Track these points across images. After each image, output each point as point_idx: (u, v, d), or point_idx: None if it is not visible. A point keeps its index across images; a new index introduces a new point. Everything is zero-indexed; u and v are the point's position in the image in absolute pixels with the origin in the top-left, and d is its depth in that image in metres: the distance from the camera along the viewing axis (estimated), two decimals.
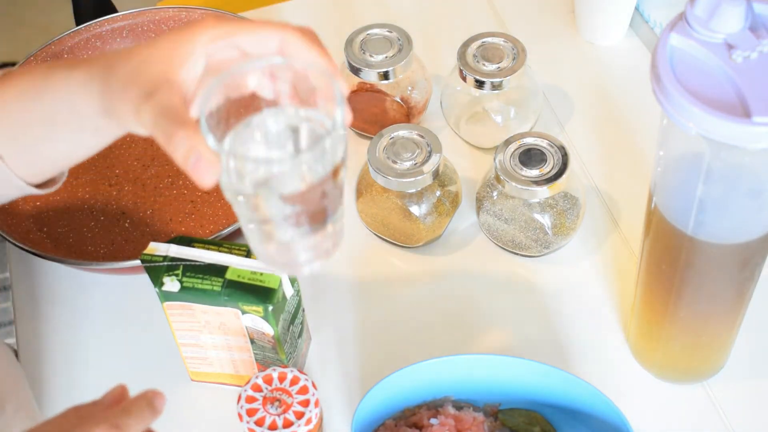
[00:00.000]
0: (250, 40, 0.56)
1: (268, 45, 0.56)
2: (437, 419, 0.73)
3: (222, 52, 0.56)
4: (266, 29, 0.56)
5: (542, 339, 0.82)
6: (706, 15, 0.57)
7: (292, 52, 0.56)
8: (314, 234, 0.54)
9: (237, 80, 0.54)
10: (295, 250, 0.55)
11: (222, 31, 0.55)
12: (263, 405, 0.69)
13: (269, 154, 0.55)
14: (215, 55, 0.56)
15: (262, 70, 0.54)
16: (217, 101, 0.52)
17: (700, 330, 0.73)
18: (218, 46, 0.55)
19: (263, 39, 0.56)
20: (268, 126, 0.55)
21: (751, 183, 0.61)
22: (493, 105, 0.94)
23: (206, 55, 0.55)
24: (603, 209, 0.91)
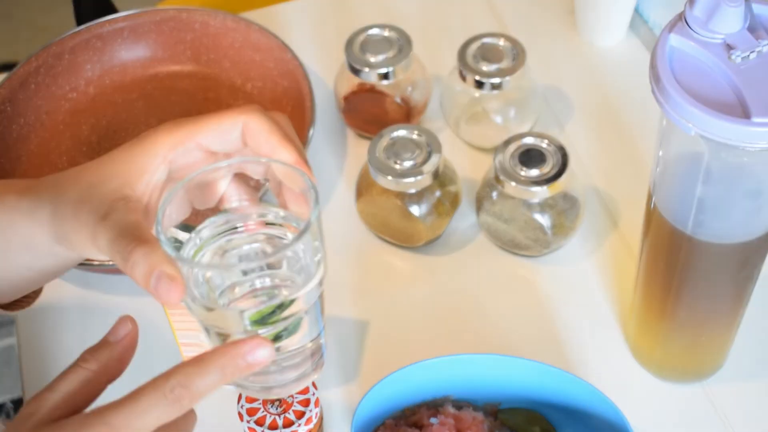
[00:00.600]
0: (213, 137, 0.53)
1: (231, 138, 0.53)
2: (437, 419, 0.73)
3: (185, 156, 0.53)
4: (227, 121, 0.53)
5: (542, 339, 0.82)
6: (705, 16, 0.57)
7: (254, 142, 0.52)
8: (294, 354, 0.51)
9: (194, 190, 0.50)
10: (272, 371, 0.51)
11: (179, 136, 0.52)
12: (263, 405, 0.69)
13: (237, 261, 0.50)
14: (178, 160, 0.53)
15: (224, 172, 0.50)
16: (180, 213, 0.49)
17: (700, 330, 0.74)
18: (180, 151, 0.52)
19: (224, 133, 0.53)
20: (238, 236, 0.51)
21: (751, 183, 0.61)
22: (492, 105, 0.94)
23: (168, 163, 0.52)
24: (603, 209, 0.91)
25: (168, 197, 0.48)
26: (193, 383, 0.47)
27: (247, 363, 0.47)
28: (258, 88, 1.00)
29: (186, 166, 0.53)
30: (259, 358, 0.47)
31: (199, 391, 0.47)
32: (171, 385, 0.47)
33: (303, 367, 0.51)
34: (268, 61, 0.99)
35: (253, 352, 0.47)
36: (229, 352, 0.47)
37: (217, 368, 0.47)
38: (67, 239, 0.52)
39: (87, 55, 1.01)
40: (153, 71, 1.03)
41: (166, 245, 0.46)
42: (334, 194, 0.94)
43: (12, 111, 0.96)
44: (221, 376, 0.47)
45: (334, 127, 1.00)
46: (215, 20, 1.01)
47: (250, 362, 0.47)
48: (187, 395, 0.47)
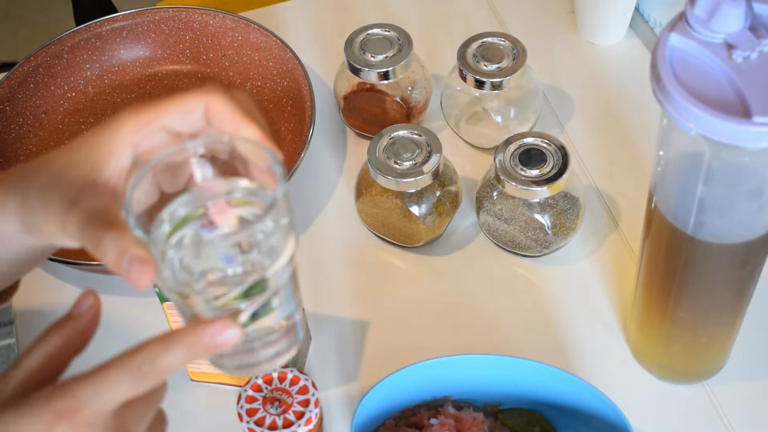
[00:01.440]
0: (176, 117, 0.53)
1: (194, 118, 0.53)
2: (437, 419, 0.73)
3: (150, 139, 0.53)
4: (188, 101, 0.52)
5: (542, 339, 0.82)
6: (706, 15, 0.57)
7: (217, 120, 0.53)
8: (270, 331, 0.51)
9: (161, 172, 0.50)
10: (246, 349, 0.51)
11: (143, 118, 0.52)
12: (263, 405, 0.69)
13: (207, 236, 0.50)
14: (143, 143, 0.53)
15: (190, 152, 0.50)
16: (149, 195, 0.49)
17: (700, 330, 0.73)
18: (144, 133, 0.52)
19: (188, 112, 0.53)
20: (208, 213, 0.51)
21: (752, 183, 0.61)
22: (493, 105, 0.94)
23: (133, 146, 0.52)
24: (603, 209, 0.91)
25: (136, 180, 0.48)
26: (160, 360, 0.47)
27: (215, 342, 0.47)
28: (258, 87, 1.00)
29: (151, 148, 0.53)
30: (227, 338, 0.47)
31: (165, 368, 0.47)
32: (138, 362, 0.47)
33: (278, 345, 0.51)
34: (268, 60, 0.99)
35: (221, 333, 0.47)
36: (197, 331, 0.47)
37: (185, 346, 0.47)
38: (37, 228, 0.52)
39: (86, 54, 1.01)
40: (152, 71, 1.03)
41: (136, 228, 0.46)
42: (334, 194, 0.94)
43: (11, 110, 0.96)
44: (188, 354, 0.47)
45: (334, 126, 1.00)
46: (215, 20, 1.01)
47: (217, 341, 0.47)
48: (153, 371, 0.47)
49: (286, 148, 0.95)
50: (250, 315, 0.48)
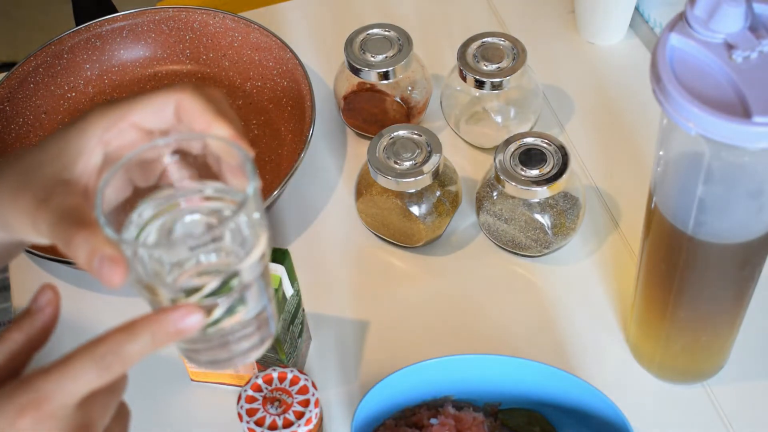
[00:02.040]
0: (146, 115, 0.52)
1: (164, 115, 0.53)
2: (437, 419, 0.73)
3: (121, 137, 0.53)
4: (159, 99, 0.52)
5: (542, 339, 0.82)
6: (706, 15, 0.57)
7: (188, 118, 0.52)
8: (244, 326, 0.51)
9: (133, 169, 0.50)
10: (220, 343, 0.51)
11: (113, 116, 0.52)
12: (263, 405, 0.69)
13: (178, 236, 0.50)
14: (113, 141, 0.52)
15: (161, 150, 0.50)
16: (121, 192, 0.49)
17: (700, 330, 0.73)
18: (114, 132, 0.52)
19: (158, 110, 0.52)
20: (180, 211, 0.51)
21: (752, 183, 0.61)
22: (493, 105, 0.94)
23: (104, 144, 0.52)
24: (603, 209, 0.91)
25: (106, 179, 0.48)
26: (123, 349, 0.47)
27: (177, 329, 0.47)
28: (258, 87, 1.00)
29: (122, 146, 0.53)
30: (189, 324, 0.47)
31: (130, 357, 0.47)
32: (101, 352, 0.47)
33: (251, 340, 0.52)
34: (268, 60, 0.99)
35: (183, 319, 0.47)
36: (159, 319, 0.47)
37: (147, 334, 0.47)
38: (8, 225, 0.52)
39: (86, 54, 1.01)
40: (152, 71, 1.03)
41: (107, 228, 0.46)
42: (334, 194, 0.94)
43: (11, 110, 0.96)
44: (151, 342, 0.48)
45: (334, 126, 1.00)
46: (215, 20, 1.01)
47: (179, 328, 0.47)
48: (117, 361, 0.47)
49: (286, 148, 0.95)
50: (223, 311, 0.48)
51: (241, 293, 0.49)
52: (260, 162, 0.95)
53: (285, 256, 0.72)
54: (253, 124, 0.99)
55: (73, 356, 0.47)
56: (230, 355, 0.52)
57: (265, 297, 0.51)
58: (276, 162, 0.95)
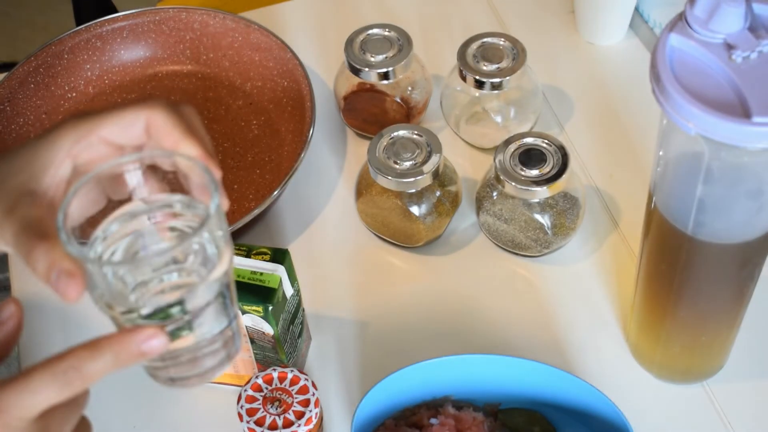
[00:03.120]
0: (114, 130, 0.53)
1: (134, 131, 0.53)
2: (437, 419, 0.73)
3: (89, 150, 0.53)
4: (128, 115, 0.53)
5: (542, 339, 0.82)
6: (705, 15, 0.57)
7: (157, 135, 0.53)
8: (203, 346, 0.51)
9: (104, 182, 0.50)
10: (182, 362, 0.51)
11: (83, 130, 0.52)
12: (263, 405, 0.69)
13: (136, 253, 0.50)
14: (82, 154, 0.53)
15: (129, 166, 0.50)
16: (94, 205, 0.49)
17: (700, 330, 0.73)
18: (83, 145, 0.52)
19: (127, 126, 0.53)
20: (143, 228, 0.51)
21: (752, 183, 0.61)
22: (493, 105, 0.94)
23: (72, 157, 0.53)
24: (603, 209, 0.91)
25: (70, 195, 0.48)
26: (85, 366, 0.47)
27: (141, 351, 0.48)
28: (258, 87, 1.00)
29: (91, 160, 0.53)
30: (152, 347, 0.48)
31: (91, 375, 0.47)
32: (63, 368, 0.47)
33: (214, 358, 0.52)
34: (268, 60, 0.99)
35: (147, 342, 0.48)
36: (124, 340, 0.48)
37: (111, 354, 0.48)
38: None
39: (86, 54, 1.01)
40: (152, 71, 1.03)
41: (67, 243, 0.46)
42: (334, 194, 0.94)
43: (11, 111, 0.96)
44: (114, 361, 0.48)
45: (334, 126, 1.00)
46: (215, 20, 1.01)
47: (143, 350, 0.48)
48: (78, 378, 0.47)
49: (286, 148, 0.95)
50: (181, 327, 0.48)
51: (194, 315, 0.48)
52: (260, 162, 0.95)
53: (285, 256, 0.72)
54: (253, 124, 0.99)
55: (34, 370, 0.47)
56: (188, 374, 0.52)
57: (229, 313, 0.51)
58: (276, 162, 0.95)
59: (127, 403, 0.81)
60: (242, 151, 0.97)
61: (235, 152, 0.97)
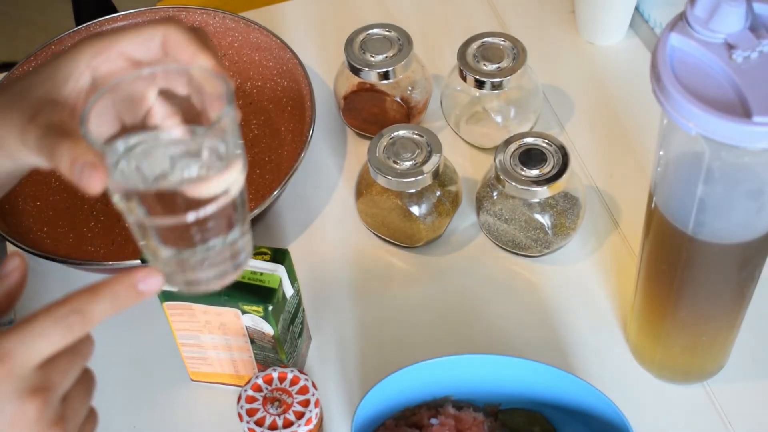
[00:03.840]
0: (132, 45, 0.55)
1: (151, 46, 0.55)
2: (437, 419, 0.73)
3: (108, 64, 0.55)
4: (146, 31, 0.55)
5: (542, 339, 0.82)
6: (706, 15, 0.57)
7: (174, 50, 0.55)
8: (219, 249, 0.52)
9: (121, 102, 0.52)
10: (194, 263, 0.52)
11: (102, 43, 0.55)
12: (263, 405, 0.69)
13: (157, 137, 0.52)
14: (101, 67, 0.55)
15: (147, 79, 0.52)
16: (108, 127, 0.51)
17: (701, 330, 0.73)
18: (102, 59, 0.55)
19: (145, 41, 0.55)
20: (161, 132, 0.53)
21: (752, 183, 0.61)
22: (493, 105, 0.94)
23: (92, 70, 0.55)
24: (603, 209, 0.91)
25: (94, 99, 0.49)
26: (86, 309, 0.48)
27: (138, 291, 0.49)
28: (258, 87, 1.00)
29: (110, 72, 0.56)
30: (150, 287, 0.50)
31: (92, 317, 0.48)
32: (64, 312, 0.48)
33: (224, 265, 0.53)
34: (268, 60, 0.99)
35: (145, 281, 0.49)
36: (122, 281, 0.49)
37: (110, 295, 0.49)
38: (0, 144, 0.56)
39: None
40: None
41: (89, 137, 0.48)
42: (334, 194, 0.94)
43: None
44: (113, 302, 0.49)
45: (334, 126, 1.00)
46: (215, 20, 1.01)
47: (141, 290, 0.49)
48: (80, 321, 0.48)
49: (286, 148, 0.95)
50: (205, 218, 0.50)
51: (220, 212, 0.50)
52: (260, 162, 0.95)
53: (285, 256, 0.72)
54: (253, 124, 0.99)
55: (36, 316, 0.48)
56: (204, 278, 0.53)
57: (242, 224, 0.53)
58: (276, 162, 0.95)
59: (127, 403, 0.80)
60: None
61: None
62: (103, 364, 0.83)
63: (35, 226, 0.91)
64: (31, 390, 0.47)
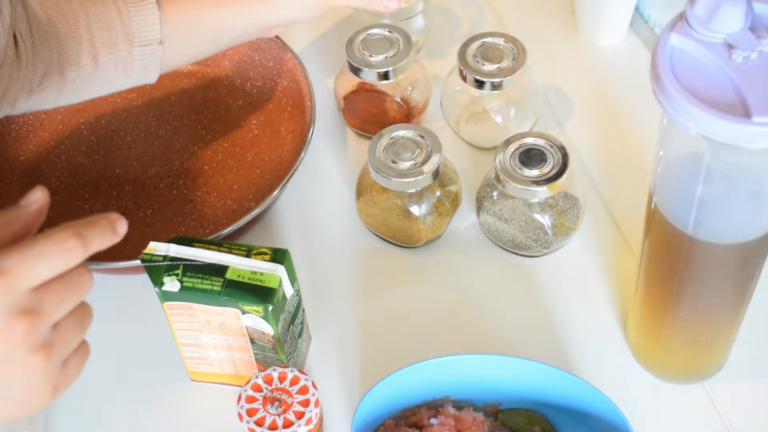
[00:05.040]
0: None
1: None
2: (437, 419, 0.73)
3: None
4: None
5: (542, 339, 0.82)
6: (706, 15, 0.57)
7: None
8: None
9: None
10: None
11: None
12: (263, 405, 0.69)
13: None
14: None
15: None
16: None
17: (700, 330, 0.73)
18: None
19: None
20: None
21: (751, 183, 0.61)
22: (493, 105, 0.94)
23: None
24: (603, 209, 0.91)
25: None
26: (86, 231, 0.49)
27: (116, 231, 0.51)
28: (258, 87, 1.00)
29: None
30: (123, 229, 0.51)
31: (92, 241, 0.49)
32: (65, 234, 0.48)
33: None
34: (268, 60, 0.99)
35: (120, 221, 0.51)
36: (112, 216, 0.51)
37: (106, 221, 0.50)
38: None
39: None
40: None
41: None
42: (334, 194, 0.94)
43: None
44: (109, 227, 0.50)
45: (334, 126, 1.00)
46: None
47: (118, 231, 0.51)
48: (80, 244, 0.49)
49: (286, 148, 0.95)
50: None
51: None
52: (260, 162, 0.95)
53: (285, 256, 0.72)
54: (253, 124, 0.99)
55: (38, 237, 0.48)
56: None
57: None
58: (276, 162, 0.95)
59: (127, 402, 0.81)
60: (242, 151, 0.97)
61: (235, 152, 0.97)
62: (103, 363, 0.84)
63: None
64: (21, 311, 0.47)
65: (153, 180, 0.95)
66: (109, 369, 0.83)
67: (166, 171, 0.95)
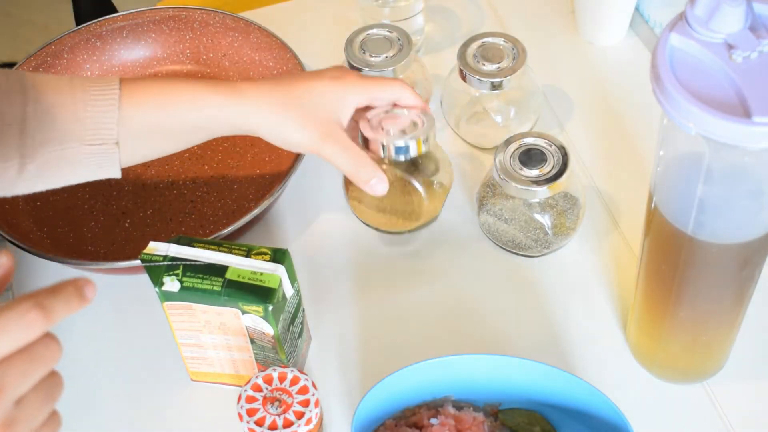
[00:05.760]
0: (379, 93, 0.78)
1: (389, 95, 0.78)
2: (437, 419, 0.73)
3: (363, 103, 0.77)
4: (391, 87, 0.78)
5: (542, 339, 0.82)
6: (706, 15, 0.57)
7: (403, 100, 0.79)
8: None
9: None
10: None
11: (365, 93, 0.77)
12: (263, 405, 0.69)
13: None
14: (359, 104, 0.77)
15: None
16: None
17: (700, 330, 0.73)
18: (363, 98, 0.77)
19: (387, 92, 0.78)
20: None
21: (751, 183, 0.61)
22: (493, 105, 0.94)
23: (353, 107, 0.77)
24: (603, 209, 0.91)
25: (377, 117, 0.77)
26: (48, 302, 0.48)
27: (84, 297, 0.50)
28: None
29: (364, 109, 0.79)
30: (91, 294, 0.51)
31: (55, 311, 0.48)
32: (26, 306, 0.48)
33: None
34: (268, 60, 0.99)
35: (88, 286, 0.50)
36: (79, 281, 0.50)
37: (75, 289, 0.50)
38: (274, 133, 0.75)
39: (86, 54, 1.01)
40: (152, 71, 1.03)
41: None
42: (333, 194, 0.94)
43: None
44: (79, 297, 0.50)
45: None
46: (215, 20, 1.01)
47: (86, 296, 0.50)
48: (41, 316, 0.48)
49: None
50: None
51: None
52: (260, 162, 0.95)
53: (285, 256, 0.72)
54: None
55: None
56: None
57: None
58: (276, 162, 0.95)
59: (127, 402, 0.80)
60: (242, 151, 0.97)
61: (235, 152, 0.97)
62: (102, 363, 0.84)
63: (35, 226, 0.91)
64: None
65: (153, 180, 0.95)
66: (109, 369, 0.83)
67: (166, 171, 0.95)
